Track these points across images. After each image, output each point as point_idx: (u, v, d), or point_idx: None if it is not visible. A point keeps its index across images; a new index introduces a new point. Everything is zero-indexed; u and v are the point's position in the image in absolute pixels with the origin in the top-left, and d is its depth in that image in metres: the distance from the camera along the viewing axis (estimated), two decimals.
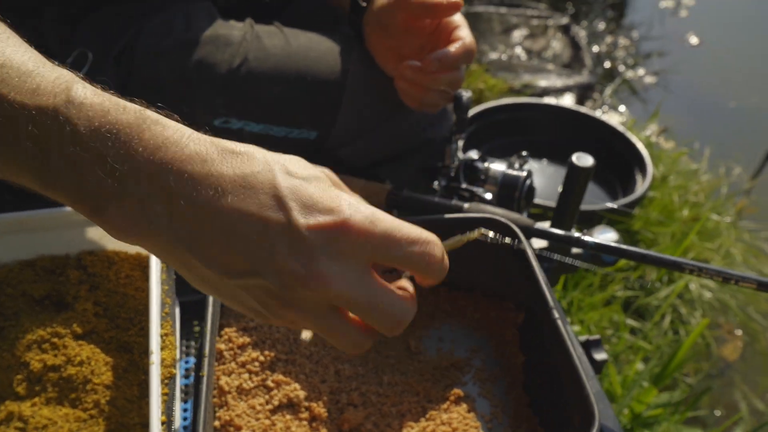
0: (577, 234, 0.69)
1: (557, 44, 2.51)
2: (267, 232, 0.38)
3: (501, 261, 0.74)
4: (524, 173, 0.81)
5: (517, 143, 1.67)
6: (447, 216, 0.72)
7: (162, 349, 0.58)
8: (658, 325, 1.28)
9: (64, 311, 0.67)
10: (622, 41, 2.69)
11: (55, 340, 0.64)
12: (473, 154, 0.84)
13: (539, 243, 0.85)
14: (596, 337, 0.77)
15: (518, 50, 2.50)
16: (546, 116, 1.70)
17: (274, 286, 0.38)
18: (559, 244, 0.69)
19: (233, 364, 0.66)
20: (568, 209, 0.76)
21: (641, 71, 2.57)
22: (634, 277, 1.34)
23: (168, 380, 0.56)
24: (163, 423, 0.53)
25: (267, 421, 0.64)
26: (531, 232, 0.71)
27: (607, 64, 2.57)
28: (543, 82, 2.21)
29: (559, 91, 2.20)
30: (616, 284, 1.33)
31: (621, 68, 2.56)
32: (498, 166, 0.83)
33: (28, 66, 0.37)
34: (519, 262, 0.71)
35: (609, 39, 2.70)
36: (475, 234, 0.52)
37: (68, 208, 0.64)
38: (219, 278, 0.39)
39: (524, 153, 0.86)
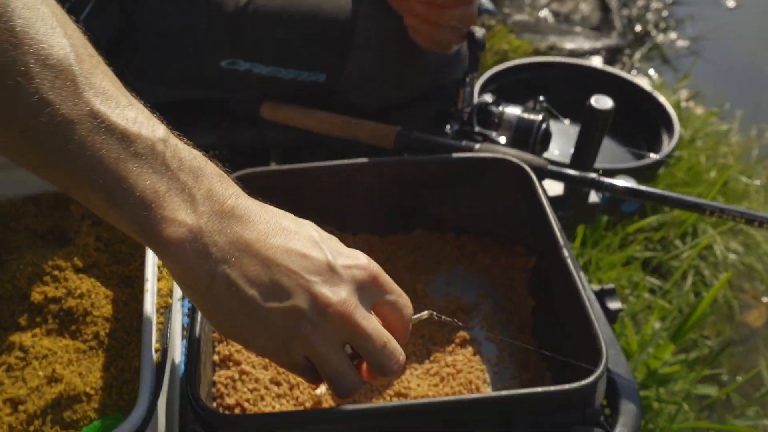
0: (592, 175, 0.66)
1: (586, 6, 2.44)
2: (307, 265, 0.44)
3: (512, 204, 0.72)
4: (540, 117, 0.78)
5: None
6: (457, 155, 0.70)
7: (159, 279, 0.57)
8: (678, 286, 1.25)
9: (66, 246, 0.67)
10: (655, 4, 2.60)
11: (56, 273, 0.64)
12: (488, 98, 0.81)
13: (555, 189, 0.82)
14: (610, 285, 0.75)
15: (545, 12, 2.43)
16: (570, 75, 1.64)
17: (308, 307, 0.44)
18: (574, 186, 0.66)
19: None
20: (585, 154, 0.73)
21: (673, 35, 2.48)
22: (656, 237, 1.30)
23: (164, 309, 0.55)
24: (156, 351, 0.52)
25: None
26: (544, 173, 0.68)
27: (638, 28, 2.49)
28: (570, 45, 2.14)
29: (586, 54, 2.14)
30: (636, 244, 1.29)
31: (652, 33, 2.47)
32: (513, 110, 0.80)
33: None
34: (530, 204, 0.68)
35: (641, 2, 2.61)
36: (424, 315, 0.55)
37: None
38: (257, 302, 0.43)
39: (541, 98, 0.83)
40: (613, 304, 0.75)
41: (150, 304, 0.53)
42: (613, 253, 1.25)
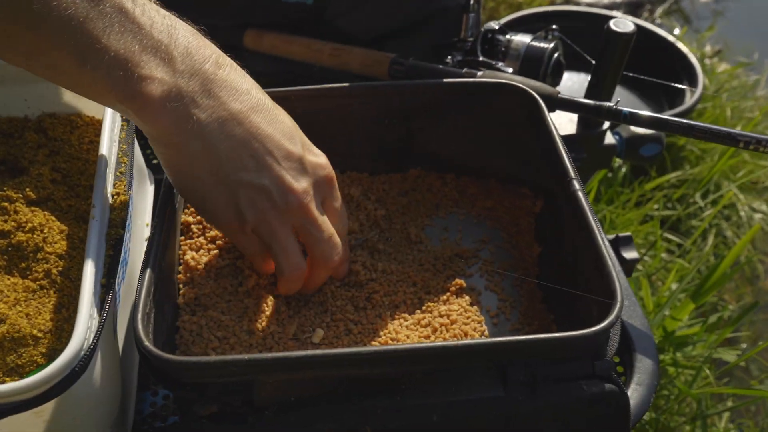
0: (609, 103, 0.58)
1: None
2: (282, 150, 0.48)
3: (517, 139, 0.64)
4: (551, 45, 0.69)
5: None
6: (459, 80, 0.62)
7: (112, 210, 0.51)
8: (698, 246, 1.17)
9: (19, 176, 0.60)
10: None
11: (5, 204, 0.57)
12: (493, 24, 0.73)
13: (567, 128, 0.74)
14: (627, 234, 0.67)
15: None
16: (588, 25, 1.54)
17: (273, 188, 0.47)
18: (589, 116, 0.58)
19: (202, 239, 0.58)
20: (603, 82, 0.65)
21: None
22: (675, 195, 1.21)
23: (114, 242, 0.48)
24: (103, 286, 0.46)
25: (239, 303, 0.56)
26: (555, 102, 0.60)
27: None
28: None
29: (605, 8, 2.02)
30: (654, 202, 1.20)
31: None
32: (522, 38, 0.71)
33: None
34: (538, 139, 0.60)
35: None
36: None
37: None
38: (229, 169, 0.46)
39: (554, 26, 0.75)
40: (629, 254, 0.67)
41: (96, 234, 0.46)
42: (630, 211, 1.17)
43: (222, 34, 0.80)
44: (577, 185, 0.52)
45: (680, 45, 1.47)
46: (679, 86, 0.93)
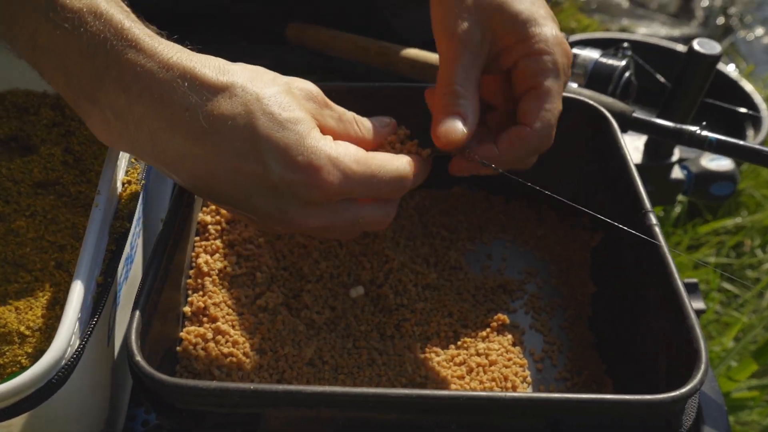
0: (692, 127, 0.50)
1: None
2: (242, 179, 0.38)
3: (580, 161, 0.57)
4: (623, 62, 0.62)
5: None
6: None
7: (121, 198, 0.45)
8: (756, 299, 1.07)
9: (28, 155, 0.55)
10: None
11: (9, 184, 0.52)
12: None
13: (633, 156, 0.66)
14: (692, 280, 0.59)
15: None
16: (642, 55, 1.46)
17: (257, 221, 0.41)
18: (666, 140, 0.51)
19: (218, 242, 0.52)
20: (681, 104, 0.58)
21: (760, 31, 2.25)
22: (730, 243, 1.12)
23: (119, 235, 0.42)
24: (99, 284, 0.40)
25: (252, 318, 0.50)
26: (628, 122, 0.53)
27: (720, 20, 2.27)
28: (643, 29, 1.95)
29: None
30: (708, 248, 1.11)
31: (735, 26, 2.25)
32: (590, 53, 0.64)
33: None
34: (606, 163, 0.53)
35: None
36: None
37: None
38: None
39: (626, 44, 0.68)
40: (696, 303, 0.59)
41: (97, 225, 0.40)
42: (681, 255, 1.08)
43: (264, 23, 0.75)
44: (653, 219, 0.44)
45: (743, 82, 1.38)
46: (745, 111, 0.85)
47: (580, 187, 0.58)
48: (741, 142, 0.49)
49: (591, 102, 0.52)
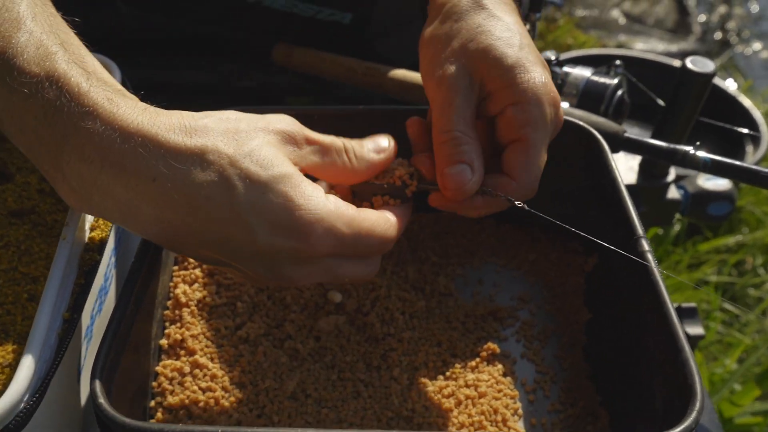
0: (686, 147, 0.49)
1: (661, 9, 2.23)
2: (226, 246, 0.36)
3: (571, 184, 0.55)
4: (615, 80, 0.61)
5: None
6: None
7: (91, 229, 0.43)
8: (760, 320, 1.05)
9: (4, 183, 0.53)
10: (738, 11, 2.37)
11: None
12: (550, 54, 0.65)
13: (627, 178, 0.65)
14: (691, 304, 0.57)
15: (615, 13, 2.23)
16: (638, 71, 1.45)
17: (244, 276, 0.39)
18: (659, 160, 0.50)
19: (198, 271, 0.50)
20: (676, 123, 0.56)
21: (757, 46, 2.25)
22: (732, 261, 1.10)
23: (88, 268, 0.41)
24: (66, 320, 0.38)
25: (232, 350, 0.48)
26: (620, 143, 0.52)
27: (718, 35, 2.27)
28: (641, 45, 1.95)
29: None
30: (708, 266, 1.09)
31: (733, 41, 2.24)
32: (581, 71, 0.63)
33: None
34: (598, 182, 0.51)
35: (722, 9, 2.39)
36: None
37: None
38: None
39: (618, 62, 0.66)
40: (694, 329, 0.57)
41: (64, 257, 0.39)
42: (681, 273, 1.06)
43: (251, 46, 0.74)
44: (645, 245, 0.43)
45: (741, 98, 1.36)
46: (747, 131, 0.82)
47: (574, 209, 0.56)
48: (737, 163, 0.47)
49: (581, 123, 0.51)
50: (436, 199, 0.46)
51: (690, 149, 0.48)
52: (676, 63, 1.68)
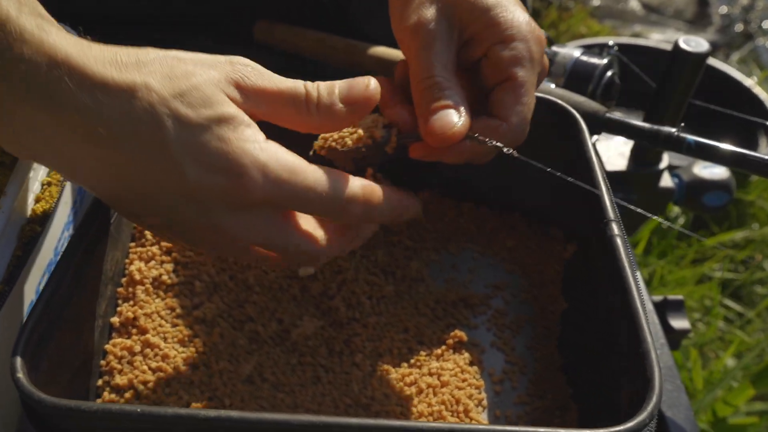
0: (670, 129, 0.46)
1: (681, 0, 2.17)
2: (157, 189, 0.34)
3: (551, 167, 0.52)
4: (604, 61, 0.58)
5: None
6: None
7: (36, 201, 0.42)
8: (763, 319, 1.01)
9: None
10: (762, 3, 2.30)
11: None
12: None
13: (617, 164, 0.62)
14: (678, 297, 0.54)
15: (633, 3, 2.17)
16: (653, 61, 1.41)
17: (194, 243, 0.38)
18: (643, 142, 0.47)
19: (155, 249, 0.49)
20: (667, 106, 0.53)
21: None
22: (739, 257, 1.06)
23: (28, 240, 0.39)
24: None
25: (187, 330, 0.46)
26: (601, 123, 0.49)
27: (739, 28, 2.20)
28: (657, 35, 1.89)
29: None
30: (714, 261, 1.06)
31: (755, 33, 2.17)
32: (569, 50, 0.60)
33: None
34: (575, 168, 0.49)
35: (745, 0, 2.32)
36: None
37: None
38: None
39: (611, 42, 0.64)
40: (679, 322, 0.55)
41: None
42: (685, 268, 1.03)
43: (231, 23, 0.72)
44: (615, 229, 0.40)
45: (756, 90, 1.32)
46: (758, 120, 0.79)
47: (554, 194, 0.53)
48: (722, 145, 0.44)
49: (558, 101, 0.48)
50: (418, 149, 0.43)
51: (674, 130, 0.45)
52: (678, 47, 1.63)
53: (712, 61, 1.48)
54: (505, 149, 0.40)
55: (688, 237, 1.10)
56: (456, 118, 0.40)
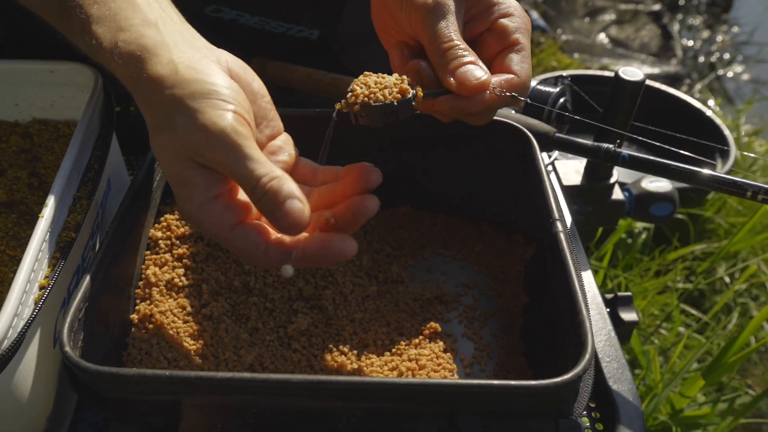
0: (607, 145, 0.54)
1: (645, 34, 2.30)
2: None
3: (510, 180, 0.61)
4: (557, 89, 0.67)
5: (582, 123, 1.49)
6: None
7: (69, 212, 0.49)
8: (719, 322, 1.09)
9: None
10: (721, 37, 2.44)
11: None
12: None
13: (572, 179, 0.70)
14: (626, 294, 0.62)
15: (601, 37, 2.30)
16: (595, 89, 1.52)
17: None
18: (587, 157, 0.55)
19: (168, 256, 0.56)
20: (611, 128, 0.62)
21: (738, 69, 2.31)
22: (700, 269, 1.14)
23: (65, 244, 0.46)
24: (42, 288, 0.43)
25: (196, 326, 0.53)
26: (551, 142, 0.57)
27: (701, 59, 2.33)
28: (624, 68, 2.01)
29: None
30: (675, 273, 1.14)
31: (716, 65, 2.31)
32: None
33: None
34: (529, 179, 0.57)
35: (705, 33, 2.46)
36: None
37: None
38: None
39: (564, 73, 0.72)
40: (628, 315, 0.62)
41: (41, 232, 0.44)
42: (648, 280, 1.11)
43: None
44: (559, 227, 0.48)
45: (712, 116, 1.43)
46: (707, 143, 0.88)
47: (515, 204, 0.61)
48: (650, 157, 0.53)
49: (515, 123, 0.56)
50: (447, 101, 0.49)
51: (611, 147, 0.54)
52: (650, 83, 1.74)
53: (674, 91, 1.59)
54: (521, 98, 0.47)
55: (651, 251, 1.18)
56: (480, 72, 0.47)
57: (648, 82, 1.75)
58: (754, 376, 1.10)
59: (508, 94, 0.48)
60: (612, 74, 1.64)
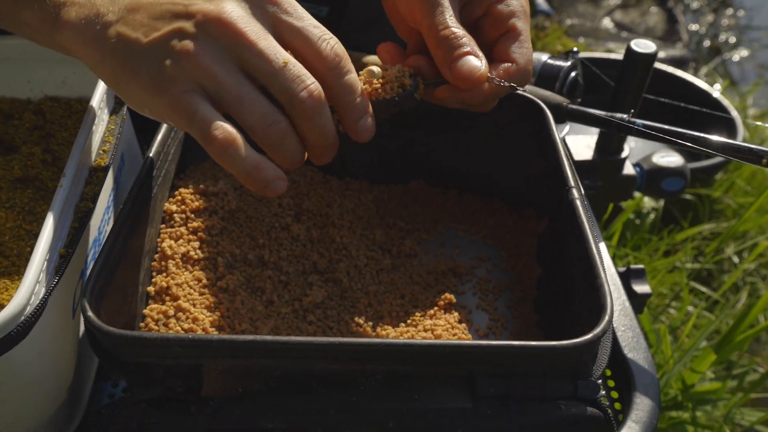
0: (621, 115, 0.54)
1: (651, 18, 2.29)
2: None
3: (523, 154, 0.61)
4: (568, 63, 0.67)
5: (588, 102, 1.48)
6: None
7: (86, 183, 0.49)
8: (731, 304, 1.09)
9: (11, 155, 0.59)
10: (726, 21, 2.43)
11: None
12: None
13: (584, 154, 0.70)
14: (639, 266, 0.62)
15: (606, 21, 2.29)
16: (604, 70, 1.51)
17: (187, 25, 0.39)
18: (600, 128, 0.55)
19: (183, 229, 0.56)
20: (623, 100, 0.61)
21: (744, 53, 2.30)
22: (708, 249, 1.14)
23: (83, 214, 0.47)
24: (62, 256, 0.44)
25: (212, 298, 0.53)
26: (563, 113, 0.57)
27: (707, 43, 2.32)
28: None
29: None
30: (684, 253, 1.14)
31: (722, 48, 2.30)
32: (538, 55, 0.69)
33: None
34: (543, 152, 0.57)
35: (710, 17, 2.44)
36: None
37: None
38: (139, 41, 0.40)
39: (575, 48, 0.72)
40: (641, 287, 0.62)
41: (60, 202, 0.44)
42: (657, 260, 1.11)
43: None
44: (576, 194, 0.48)
45: (719, 97, 1.42)
46: (716, 113, 0.87)
47: (527, 178, 0.61)
48: (665, 126, 0.52)
49: (528, 95, 0.56)
50: (444, 91, 0.48)
51: (625, 116, 0.54)
52: (657, 65, 1.74)
53: (681, 74, 1.58)
54: (519, 89, 0.47)
55: (660, 231, 1.18)
56: (478, 63, 0.46)
57: (655, 64, 1.75)
58: (762, 355, 1.10)
59: (506, 84, 0.47)
60: (618, 57, 1.63)
